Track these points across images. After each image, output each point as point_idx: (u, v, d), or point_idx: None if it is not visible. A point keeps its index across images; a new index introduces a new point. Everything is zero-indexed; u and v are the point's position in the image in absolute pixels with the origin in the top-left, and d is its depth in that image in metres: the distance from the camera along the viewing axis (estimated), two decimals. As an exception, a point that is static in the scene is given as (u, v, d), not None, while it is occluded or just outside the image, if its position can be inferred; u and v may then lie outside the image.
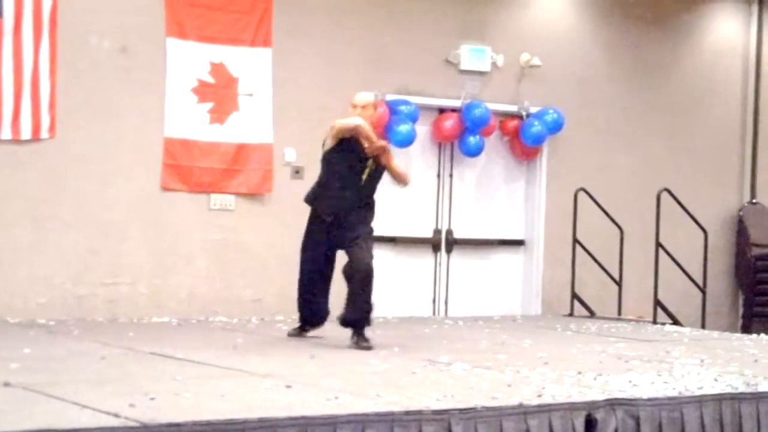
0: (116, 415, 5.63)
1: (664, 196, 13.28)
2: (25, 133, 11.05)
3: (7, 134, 10.96)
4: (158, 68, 11.65)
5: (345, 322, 9.34)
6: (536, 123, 13.44)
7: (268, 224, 12.11)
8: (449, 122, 13.14)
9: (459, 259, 13.52)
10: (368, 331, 9.33)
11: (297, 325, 10.04)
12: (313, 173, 12.05)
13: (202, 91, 11.85)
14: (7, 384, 6.61)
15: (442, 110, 13.28)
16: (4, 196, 10.99)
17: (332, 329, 9.65)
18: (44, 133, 11.14)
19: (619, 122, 14.39)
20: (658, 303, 13.07)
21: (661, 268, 13.17)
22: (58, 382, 6.82)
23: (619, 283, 13.48)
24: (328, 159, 9.57)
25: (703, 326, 13.32)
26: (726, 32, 15.26)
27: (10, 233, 11.02)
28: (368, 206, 9.59)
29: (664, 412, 6.80)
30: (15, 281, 11.01)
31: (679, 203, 13.51)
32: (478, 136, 13.17)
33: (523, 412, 6.36)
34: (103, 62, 11.42)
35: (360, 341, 9.19)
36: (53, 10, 11.10)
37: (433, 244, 13.42)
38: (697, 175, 14.87)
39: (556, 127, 13.58)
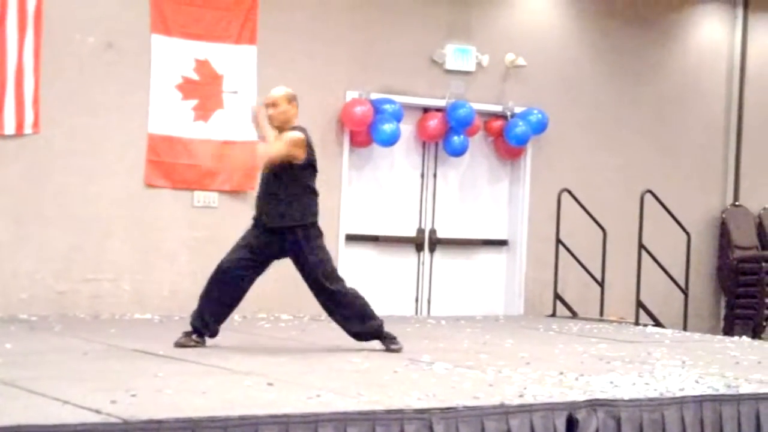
0: (97, 412, 5.62)
1: (648, 197, 13.31)
2: (9, 128, 11.02)
3: (-10, 129, 10.95)
4: (143, 65, 11.63)
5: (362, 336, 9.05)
6: (520, 123, 13.46)
7: (251, 222, 12.06)
8: (434, 122, 13.15)
9: (442, 259, 13.53)
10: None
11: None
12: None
13: (187, 88, 11.83)
14: (-12, 379, 6.60)
15: (426, 110, 13.29)
16: (-14, 191, 10.98)
17: (316, 327, 9.64)
18: (28, 129, 11.11)
19: (603, 123, 14.42)
20: (640, 304, 13.11)
21: (644, 269, 13.20)
22: (39, 377, 6.81)
23: (601, 284, 13.50)
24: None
25: (684, 328, 13.35)
26: (711, 34, 15.31)
27: (-7, 228, 11.00)
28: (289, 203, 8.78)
29: (645, 413, 6.82)
30: (-3, 277, 10.99)
31: (663, 205, 13.54)
32: (462, 136, 13.17)
33: (504, 411, 6.37)
34: (88, 58, 11.40)
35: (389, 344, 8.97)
36: (38, 5, 11.07)
37: (417, 244, 13.42)
38: (680, 177, 14.90)
39: (540, 127, 13.61)
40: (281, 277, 9.89)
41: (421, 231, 13.44)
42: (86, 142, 11.40)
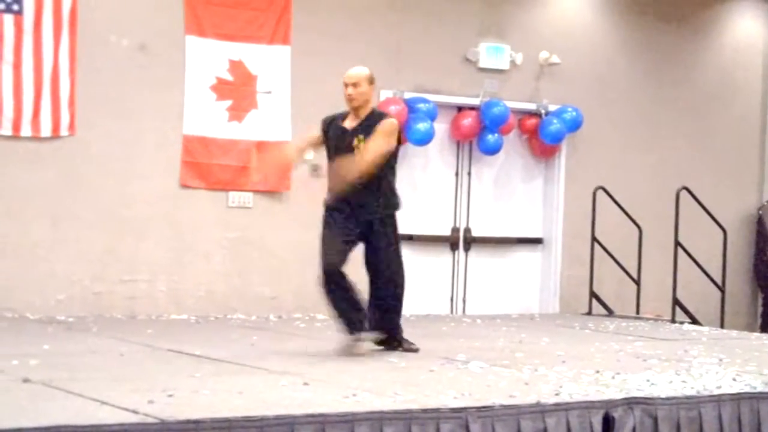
0: (135, 412, 5.65)
1: (683, 194, 13.25)
2: (45, 130, 11.10)
3: (27, 132, 11.01)
4: (177, 66, 11.68)
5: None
6: (555, 121, 13.42)
7: (286, 222, 12.12)
8: (468, 120, 13.14)
9: (477, 258, 13.52)
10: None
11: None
12: (331, 171, 12.09)
13: (221, 88, 11.87)
14: (26, 380, 6.64)
15: (460, 108, 13.28)
16: (24, 193, 11.05)
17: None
18: (64, 131, 11.18)
19: (638, 120, 14.36)
20: (676, 302, 13.05)
21: (680, 266, 13.14)
22: (76, 378, 6.84)
23: (637, 282, 13.46)
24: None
25: (721, 325, 13.29)
26: (745, 29, 15.22)
27: (30, 230, 11.07)
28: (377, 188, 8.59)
29: (682, 411, 6.79)
30: (34, 278, 11.06)
31: (698, 202, 13.48)
32: (496, 135, 13.16)
33: (540, 410, 6.36)
34: (123, 60, 11.46)
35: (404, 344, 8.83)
36: (73, 7, 11.14)
37: (451, 242, 13.41)
38: (716, 174, 14.83)
39: (574, 125, 13.57)
40: (314, 278, 9.90)
41: (455, 230, 13.43)
42: (122, 144, 11.46)
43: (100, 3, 11.34)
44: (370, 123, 8.63)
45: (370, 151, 8.50)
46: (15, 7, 10.90)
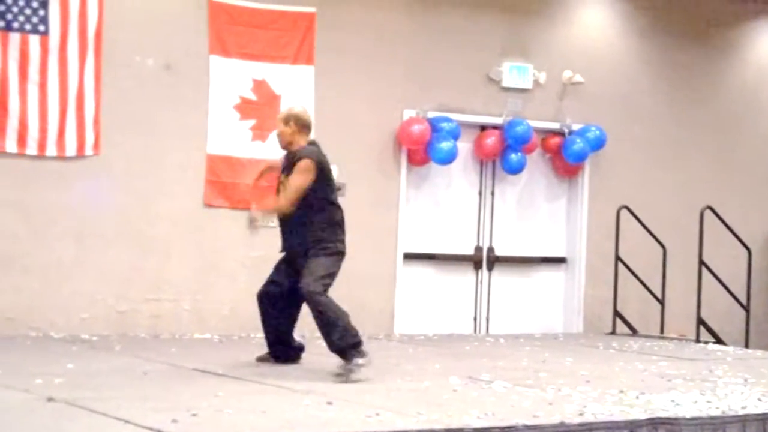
0: (159, 431, 5.65)
1: (708, 213, 13.21)
2: (70, 150, 11.15)
3: (52, 151, 11.07)
4: (201, 86, 11.72)
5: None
6: (578, 140, 13.40)
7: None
8: (491, 139, 13.13)
9: (500, 277, 13.50)
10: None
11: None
12: (354, 190, 12.10)
13: (245, 108, 11.91)
14: (50, 399, 6.67)
15: (483, 127, 13.28)
16: (49, 212, 11.09)
17: (375, 346, 9.63)
18: (89, 150, 11.24)
19: (662, 139, 14.33)
20: (701, 321, 12.99)
21: (704, 286, 13.09)
22: (100, 397, 6.86)
23: (661, 301, 13.41)
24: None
25: (746, 345, 13.23)
26: (770, 49, 15.19)
27: (55, 249, 11.11)
28: (303, 225, 8.77)
29: (707, 431, 6.76)
30: (58, 297, 11.09)
31: (723, 221, 13.43)
32: (519, 154, 13.15)
33: (564, 430, 6.35)
34: (147, 80, 11.51)
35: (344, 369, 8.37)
36: (98, 28, 11.20)
37: (475, 262, 13.39)
38: (740, 193, 14.77)
39: (598, 144, 13.55)
40: (338, 297, 9.91)
41: (479, 249, 13.41)
42: (146, 163, 11.50)
43: (125, 23, 11.40)
44: (290, 162, 8.86)
45: (288, 189, 8.74)
46: (41, 27, 10.97)
